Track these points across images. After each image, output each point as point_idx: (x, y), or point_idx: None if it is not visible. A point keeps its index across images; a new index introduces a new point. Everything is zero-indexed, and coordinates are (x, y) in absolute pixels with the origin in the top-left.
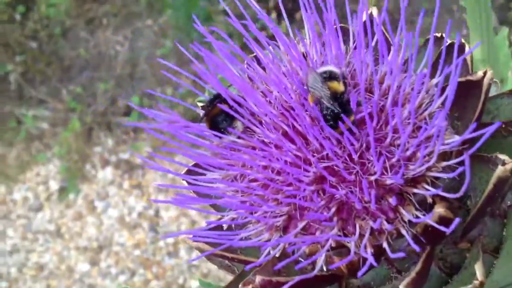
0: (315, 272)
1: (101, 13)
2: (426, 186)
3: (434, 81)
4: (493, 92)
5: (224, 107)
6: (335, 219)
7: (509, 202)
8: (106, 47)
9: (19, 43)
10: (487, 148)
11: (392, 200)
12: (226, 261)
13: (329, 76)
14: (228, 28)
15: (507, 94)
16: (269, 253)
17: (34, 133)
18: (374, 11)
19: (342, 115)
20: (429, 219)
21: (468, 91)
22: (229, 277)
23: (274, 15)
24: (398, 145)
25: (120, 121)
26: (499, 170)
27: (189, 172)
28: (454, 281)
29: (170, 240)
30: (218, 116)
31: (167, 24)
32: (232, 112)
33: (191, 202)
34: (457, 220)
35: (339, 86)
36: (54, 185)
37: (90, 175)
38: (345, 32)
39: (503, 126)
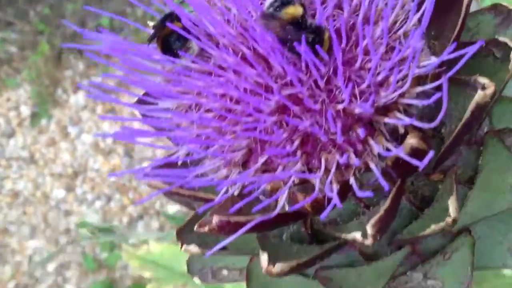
0: (277, 211)
1: None
2: (399, 115)
3: None
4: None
5: (175, 27)
6: (298, 153)
7: (486, 128)
8: None
9: None
10: (465, 70)
11: (361, 131)
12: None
13: (282, 3)
14: None
15: (488, 10)
16: (227, 191)
17: (2, 58)
18: None
19: (303, 36)
20: (401, 152)
21: (447, 6)
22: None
23: None
24: (369, 69)
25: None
26: (478, 95)
27: (140, 102)
28: (425, 216)
29: (146, 164)
30: (170, 36)
31: None
32: (184, 33)
33: (138, 135)
34: (431, 154)
35: (295, 10)
36: (25, 111)
37: (61, 99)
38: None
39: (484, 45)
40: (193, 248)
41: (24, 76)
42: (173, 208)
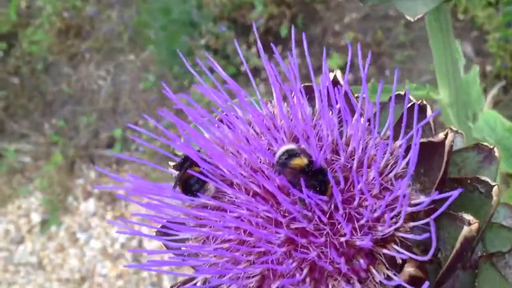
0: None
1: (84, 49)
2: (395, 247)
3: (398, 143)
4: (459, 143)
5: (196, 173)
6: (307, 280)
7: (479, 253)
8: (88, 82)
9: (1, 79)
10: (454, 205)
11: (363, 262)
12: None
13: (289, 155)
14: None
15: (471, 148)
16: None
17: (16, 167)
18: (338, 74)
19: (303, 182)
20: (401, 280)
21: (432, 150)
22: None
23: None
24: (366, 206)
25: (103, 153)
26: (465, 230)
27: (164, 227)
28: None
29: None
30: (190, 179)
31: (149, 59)
32: (203, 178)
33: (162, 265)
34: (426, 284)
35: (301, 161)
36: (36, 218)
37: (72, 207)
38: (309, 91)
39: (469, 181)
40: None
41: (36, 185)
42: None
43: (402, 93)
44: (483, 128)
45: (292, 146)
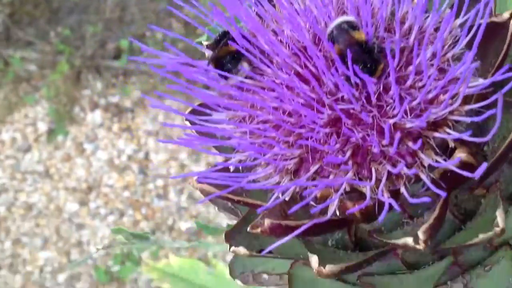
0: (329, 216)
1: None
2: (448, 130)
3: (458, 21)
4: None
5: (235, 45)
6: (350, 162)
7: None
8: None
9: None
10: (508, 93)
11: (413, 144)
12: (229, 204)
13: (351, 26)
14: None
15: None
16: (277, 197)
17: (22, 75)
18: None
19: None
20: (451, 164)
21: (492, 33)
22: (226, 221)
23: None
24: (419, 87)
25: (110, 63)
26: None
27: (193, 112)
28: (468, 228)
29: (159, 182)
30: (224, 57)
31: None
32: (242, 51)
33: (198, 142)
34: (484, 166)
35: (362, 35)
36: (42, 127)
37: (78, 117)
38: None
39: None
40: (242, 250)
41: (43, 94)
42: (185, 224)
43: None
44: None
45: (351, 17)
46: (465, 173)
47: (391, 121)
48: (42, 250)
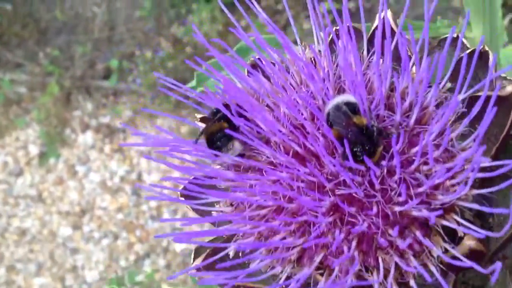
0: None
1: None
2: (456, 217)
3: (460, 97)
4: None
5: (234, 132)
6: (355, 253)
7: None
8: (83, 9)
9: None
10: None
11: (419, 233)
12: None
13: (351, 110)
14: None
15: None
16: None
17: (12, 98)
18: (389, 14)
19: (364, 157)
20: (459, 253)
21: (495, 105)
22: None
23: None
24: (425, 172)
25: (100, 84)
26: None
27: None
28: None
29: (153, 203)
30: (216, 133)
31: None
32: (233, 134)
33: (195, 236)
34: (499, 266)
35: (362, 120)
36: (34, 150)
37: (70, 139)
38: (357, 34)
39: None
40: None
41: (33, 116)
42: (180, 246)
43: (454, 35)
44: (503, 66)
45: (352, 98)
46: (476, 267)
47: (397, 208)
48: (36, 276)
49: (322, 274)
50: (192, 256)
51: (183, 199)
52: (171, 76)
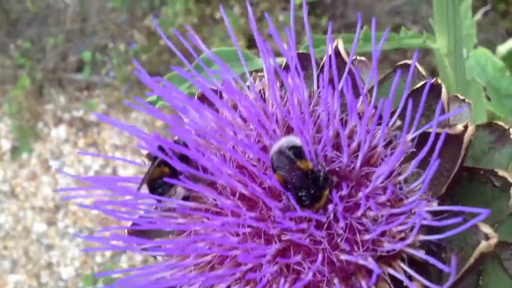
0: None
1: None
2: (402, 265)
3: (409, 137)
4: (465, 114)
5: (175, 180)
6: None
7: None
8: (54, 0)
9: None
10: (465, 197)
11: (364, 283)
12: None
13: (297, 153)
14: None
15: (483, 127)
16: None
17: None
18: (341, 45)
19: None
20: None
21: (446, 142)
22: None
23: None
24: (371, 217)
25: (72, 76)
26: (483, 245)
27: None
28: None
29: (129, 198)
30: (157, 180)
31: None
32: (174, 181)
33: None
34: None
35: (307, 164)
36: (6, 144)
37: (43, 133)
38: (305, 59)
39: (481, 173)
40: None
41: (5, 110)
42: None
43: (409, 61)
44: (473, 68)
45: (297, 140)
46: None
47: (343, 257)
48: (11, 273)
49: None
50: None
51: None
52: (145, 69)
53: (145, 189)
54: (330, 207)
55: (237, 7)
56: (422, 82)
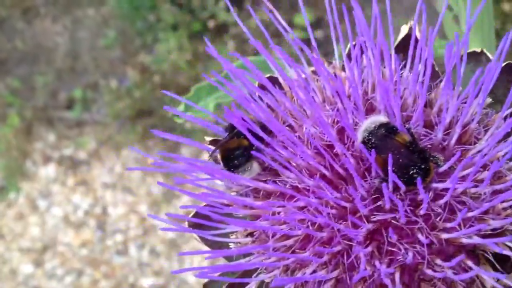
0: None
1: (39, 2)
2: (508, 243)
3: (501, 114)
4: None
5: (260, 155)
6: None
7: None
8: (44, 38)
9: None
10: None
11: (471, 263)
12: None
13: (387, 130)
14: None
15: None
16: None
17: None
18: (417, 27)
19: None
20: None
21: None
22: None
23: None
24: (472, 195)
25: (62, 115)
26: None
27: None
28: None
29: (119, 238)
30: (234, 150)
31: (110, 13)
32: (258, 154)
33: (219, 270)
34: None
35: (405, 137)
36: None
37: (31, 172)
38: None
39: None
40: None
41: None
42: (147, 282)
43: (478, 50)
44: None
45: (382, 119)
46: None
47: (444, 236)
48: None
49: None
50: None
51: (195, 229)
52: (138, 106)
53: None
54: (433, 185)
55: (231, 44)
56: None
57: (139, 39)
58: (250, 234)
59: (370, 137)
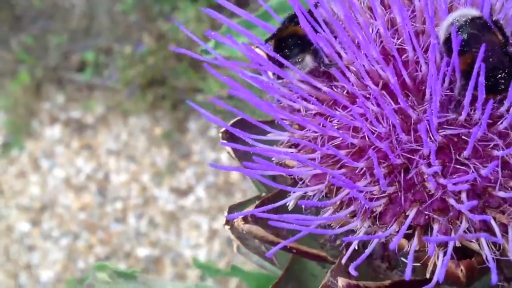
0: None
1: None
2: None
3: None
4: None
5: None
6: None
7: None
8: None
9: None
10: None
11: None
12: (263, 247)
13: (482, 25)
14: None
15: None
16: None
17: None
18: None
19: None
20: None
21: None
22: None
23: None
24: None
25: (73, 76)
26: None
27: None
28: None
29: (119, 205)
30: (289, 38)
31: None
32: (314, 39)
33: (268, 169)
34: None
35: (499, 36)
36: None
37: (36, 131)
38: None
39: None
40: None
41: (0, 104)
42: (144, 251)
43: None
44: None
45: (475, 12)
46: None
47: None
48: None
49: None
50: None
51: (225, 141)
52: (150, 74)
53: None
54: None
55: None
56: None
57: (157, 6)
58: (294, 146)
59: (461, 31)
